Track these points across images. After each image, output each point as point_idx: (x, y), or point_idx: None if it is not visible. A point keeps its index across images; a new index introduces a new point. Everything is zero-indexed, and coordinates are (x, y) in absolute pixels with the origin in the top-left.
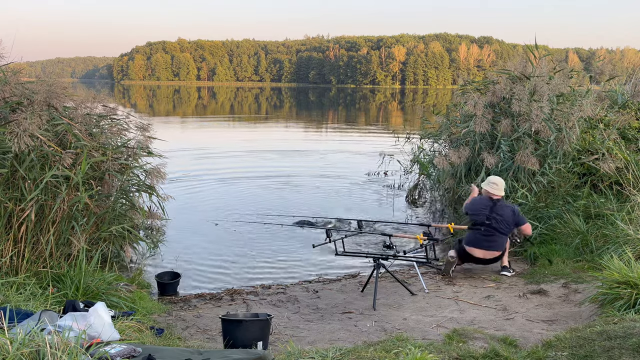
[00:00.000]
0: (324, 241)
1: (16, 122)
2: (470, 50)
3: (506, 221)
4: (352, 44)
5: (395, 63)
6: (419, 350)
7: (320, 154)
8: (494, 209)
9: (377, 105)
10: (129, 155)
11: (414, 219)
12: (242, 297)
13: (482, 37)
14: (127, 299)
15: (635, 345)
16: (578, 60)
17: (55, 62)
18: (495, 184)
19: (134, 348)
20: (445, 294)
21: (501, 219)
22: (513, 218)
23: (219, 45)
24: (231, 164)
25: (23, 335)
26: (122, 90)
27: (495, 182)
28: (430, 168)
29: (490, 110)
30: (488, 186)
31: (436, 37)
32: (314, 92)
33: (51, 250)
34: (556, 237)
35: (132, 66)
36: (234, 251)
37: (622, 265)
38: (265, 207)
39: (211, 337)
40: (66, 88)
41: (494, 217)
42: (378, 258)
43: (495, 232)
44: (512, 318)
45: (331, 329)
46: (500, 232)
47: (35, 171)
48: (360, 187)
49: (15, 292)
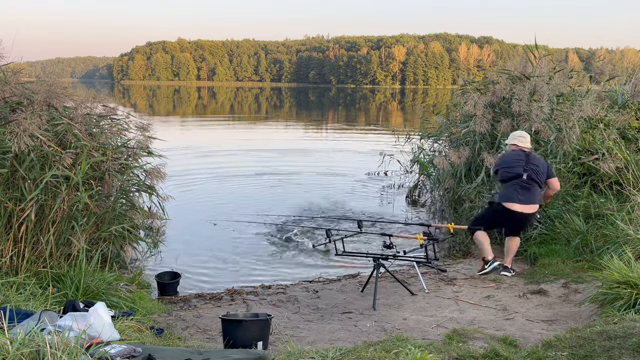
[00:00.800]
0: (324, 241)
1: (16, 122)
2: (470, 50)
3: (542, 172)
4: (352, 44)
5: (395, 63)
6: (419, 350)
7: (320, 153)
8: (530, 160)
9: (377, 105)
10: (129, 155)
11: (414, 219)
12: (242, 297)
13: (482, 37)
14: (127, 299)
15: (635, 345)
16: (578, 60)
17: (55, 62)
18: (523, 137)
19: (134, 348)
20: (445, 294)
21: (537, 169)
22: (548, 168)
23: (219, 45)
24: (231, 164)
25: (23, 335)
26: (122, 90)
27: (522, 135)
28: (430, 168)
29: (490, 110)
30: (516, 140)
31: (436, 37)
32: (314, 92)
33: (51, 250)
34: (556, 237)
35: (132, 66)
36: (234, 251)
37: (622, 265)
38: (266, 206)
39: (211, 337)
40: (66, 88)
41: (531, 168)
42: (378, 258)
43: (533, 183)
44: (512, 318)
45: (331, 329)
46: (538, 183)
47: (35, 171)
48: (360, 187)
49: (15, 292)
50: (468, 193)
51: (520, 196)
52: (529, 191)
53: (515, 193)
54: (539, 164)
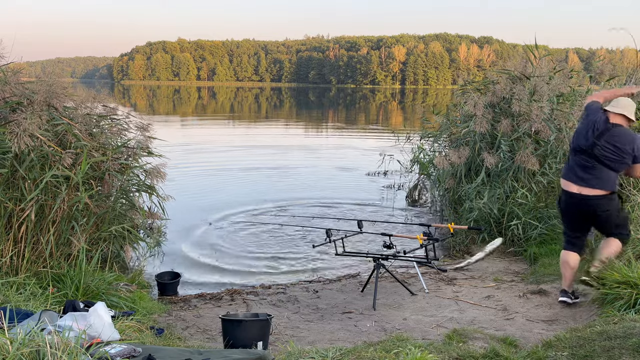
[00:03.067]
0: (324, 241)
1: (16, 122)
2: (470, 50)
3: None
4: (352, 44)
5: (395, 63)
6: (419, 350)
7: (320, 153)
8: (605, 134)
9: (377, 105)
10: (129, 155)
11: (414, 219)
12: (242, 297)
13: (482, 37)
14: (127, 299)
15: (635, 345)
16: (578, 60)
17: (55, 62)
18: (616, 101)
19: (134, 348)
20: (445, 294)
21: (610, 149)
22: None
23: (219, 45)
24: (231, 165)
25: (23, 335)
26: (122, 90)
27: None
28: (430, 168)
29: (490, 110)
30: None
31: (436, 37)
32: (314, 92)
33: (51, 250)
34: (556, 237)
35: (132, 66)
36: (234, 251)
37: (622, 265)
38: (265, 206)
39: (211, 337)
40: (66, 88)
41: (601, 145)
42: (378, 258)
43: (595, 163)
44: (512, 318)
45: (331, 329)
46: (606, 165)
47: (35, 171)
48: (360, 187)
49: (15, 292)
50: (468, 193)
51: (578, 173)
52: (588, 169)
53: (572, 167)
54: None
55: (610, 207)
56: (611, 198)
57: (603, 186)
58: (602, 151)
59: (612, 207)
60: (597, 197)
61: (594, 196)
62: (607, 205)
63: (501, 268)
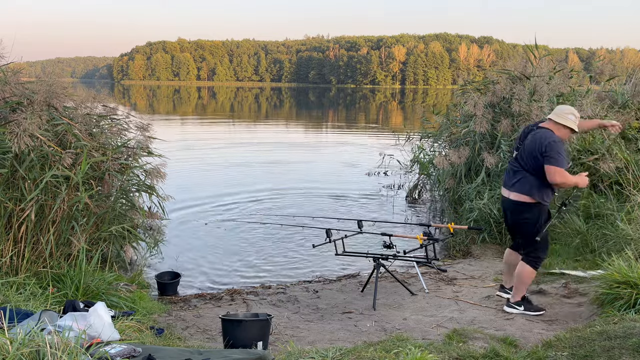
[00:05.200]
0: (324, 241)
1: (16, 122)
2: (470, 50)
3: (528, 152)
4: (352, 44)
5: (395, 63)
6: (419, 350)
7: (320, 153)
8: (527, 137)
9: (377, 105)
10: (129, 155)
11: (414, 219)
12: (242, 297)
13: (482, 37)
14: (127, 299)
15: (635, 345)
16: (578, 60)
17: (55, 62)
18: (559, 109)
19: (134, 348)
20: (445, 294)
21: (527, 151)
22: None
23: (219, 45)
24: (231, 164)
25: (23, 335)
26: (122, 90)
27: (559, 108)
28: (430, 168)
29: (490, 110)
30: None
31: (436, 37)
32: (314, 92)
33: (51, 250)
34: (556, 237)
35: (132, 66)
36: (233, 251)
37: (622, 265)
38: (265, 206)
39: (211, 337)
40: (66, 88)
41: (522, 148)
42: (378, 258)
43: (519, 167)
44: (512, 318)
45: (331, 329)
46: (526, 169)
47: (35, 171)
48: (360, 187)
49: (15, 292)
50: (468, 193)
51: (506, 178)
52: (513, 173)
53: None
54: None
55: (529, 216)
56: (531, 206)
57: (525, 191)
58: (522, 154)
59: (531, 218)
60: (517, 202)
61: (515, 201)
62: (526, 212)
63: (501, 268)
